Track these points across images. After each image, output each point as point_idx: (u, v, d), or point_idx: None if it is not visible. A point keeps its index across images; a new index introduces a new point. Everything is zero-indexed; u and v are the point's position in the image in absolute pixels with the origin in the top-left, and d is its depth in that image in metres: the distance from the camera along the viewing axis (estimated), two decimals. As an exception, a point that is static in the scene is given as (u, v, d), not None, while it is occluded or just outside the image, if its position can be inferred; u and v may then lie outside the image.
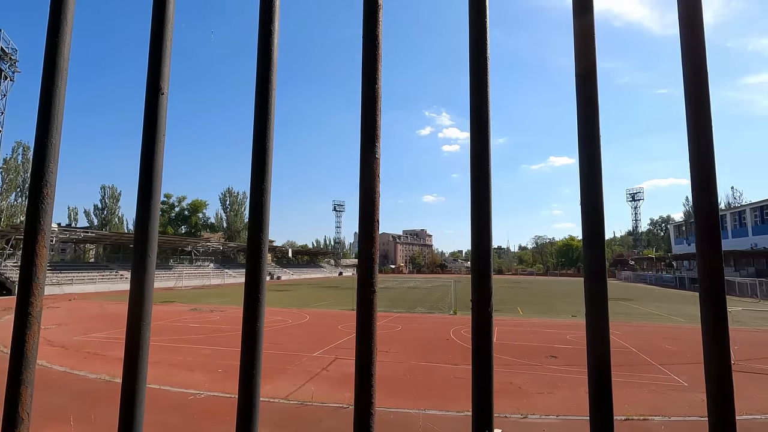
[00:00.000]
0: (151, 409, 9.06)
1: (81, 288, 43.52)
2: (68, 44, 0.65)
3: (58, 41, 0.64)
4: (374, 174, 0.66)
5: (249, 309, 0.67)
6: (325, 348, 15.21)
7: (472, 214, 0.70)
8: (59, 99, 0.65)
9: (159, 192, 0.67)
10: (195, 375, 11.46)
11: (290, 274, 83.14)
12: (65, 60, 0.66)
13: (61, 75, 0.65)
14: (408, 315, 25.73)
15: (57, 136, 0.65)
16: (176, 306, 29.92)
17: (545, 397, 9.83)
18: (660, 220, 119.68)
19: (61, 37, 0.64)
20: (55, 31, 0.64)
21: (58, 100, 0.64)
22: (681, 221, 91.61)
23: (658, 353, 14.46)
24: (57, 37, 0.64)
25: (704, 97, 0.67)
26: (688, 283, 61.92)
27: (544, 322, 22.73)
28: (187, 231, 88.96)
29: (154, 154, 0.67)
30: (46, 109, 0.64)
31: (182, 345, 15.58)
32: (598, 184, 0.70)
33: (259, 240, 0.67)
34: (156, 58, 0.68)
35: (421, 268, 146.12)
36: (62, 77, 0.65)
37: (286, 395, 9.77)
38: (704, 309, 0.65)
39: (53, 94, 0.64)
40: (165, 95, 0.68)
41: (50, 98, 0.64)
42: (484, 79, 0.70)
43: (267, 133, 0.72)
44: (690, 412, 8.95)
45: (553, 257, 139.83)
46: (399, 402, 9.30)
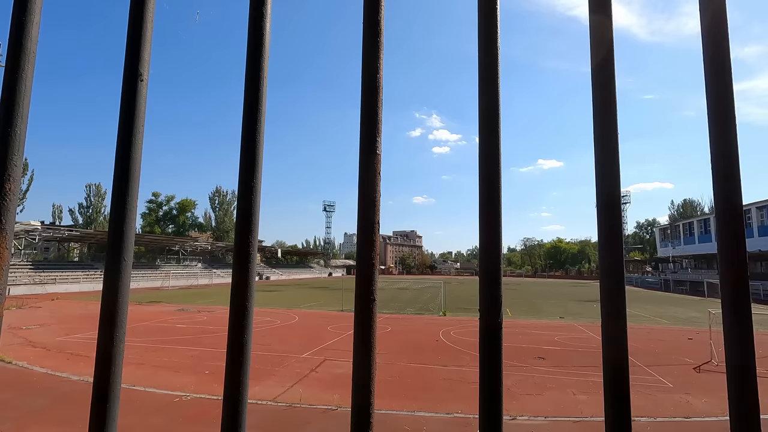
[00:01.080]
0: (134, 411, 8.90)
1: (65, 287, 42.64)
2: (37, 23, 0.59)
3: (25, 20, 0.58)
4: (375, 173, 0.61)
5: (236, 317, 0.61)
6: (314, 349, 15.09)
7: (481, 222, 0.65)
8: (25, 84, 0.58)
9: (137, 188, 0.61)
10: (181, 376, 11.26)
11: (279, 275, 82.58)
12: (33, 42, 0.59)
13: (28, 57, 0.58)
14: (398, 316, 25.70)
15: (23, 125, 0.58)
16: (163, 306, 29.47)
17: (534, 399, 9.86)
18: (646, 224, 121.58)
19: (28, 15, 0.58)
20: (22, 7, 0.58)
21: (24, 86, 0.58)
22: (666, 224, 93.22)
23: (644, 355, 14.63)
24: (24, 15, 0.58)
25: (729, 104, 0.64)
26: (672, 286, 63.04)
27: (533, 324, 22.88)
28: (175, 230, 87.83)
29: (132, 146, 0.60)
30: (10, 96, 0.57)
31: (168, 346, 15.32)
32: (616, 183, 0.66)
33: (248, 243, 0.61)
34: (135, 39, 0.62)
35: (410, 269, 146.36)
36: (29, 60, 0.58)
37: (274, 397, 9.65)
38: (726, 314, 0.61)
39: (18, 78, 0.57)
40: (144, 82, 0.62)
41: (15, 83, 0.57)
42: (494, 79, 0.66)
43: (257, 133, 0.66)
44: (675, 412, 9.05)
45: (541, 259, 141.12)
46: (388, 403, 9.24)
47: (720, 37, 0.68)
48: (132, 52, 0.62)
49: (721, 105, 0.66)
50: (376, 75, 0.63)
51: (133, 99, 0.61)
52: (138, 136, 0.61)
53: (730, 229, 0.63)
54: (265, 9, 0.65)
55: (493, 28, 0.71)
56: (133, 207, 0.60)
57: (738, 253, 0.64)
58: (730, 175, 0.63)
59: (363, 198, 0.62)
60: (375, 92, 0.63)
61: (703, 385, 11.09)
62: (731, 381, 0.63)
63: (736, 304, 0.63)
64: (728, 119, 0.66)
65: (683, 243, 77.01)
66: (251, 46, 0.65)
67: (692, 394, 10.31)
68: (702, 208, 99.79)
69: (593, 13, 0.71)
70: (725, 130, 0.66)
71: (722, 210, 0.65)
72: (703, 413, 9.03)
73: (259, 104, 0.64)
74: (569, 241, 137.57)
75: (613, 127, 0.66)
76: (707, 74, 0.68)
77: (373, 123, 0.63)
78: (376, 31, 0.64)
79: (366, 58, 0.64)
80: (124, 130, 0.61)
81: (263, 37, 0.65)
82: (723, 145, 0.65)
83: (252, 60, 0.64)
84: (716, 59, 0.68)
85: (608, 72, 0.70)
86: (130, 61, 0.62)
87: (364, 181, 0.62)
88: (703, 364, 13.33)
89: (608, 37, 0.71)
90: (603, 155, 0.70)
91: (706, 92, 0.69)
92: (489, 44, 0.71)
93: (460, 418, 8.59)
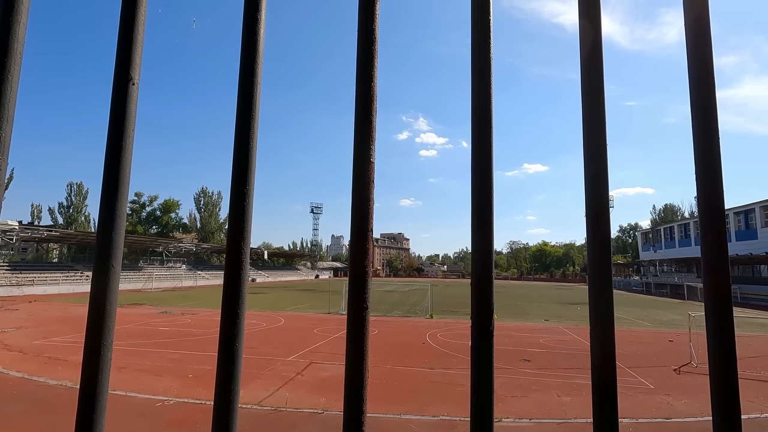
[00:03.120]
0: (116, 416, 8.70)
1: (43, 289, 41.51)
2: (23, 24, 0.57)
3: (12, 20, 0.56)
4: (368, 181, 0.61)
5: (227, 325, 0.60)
6: (301, 352, 14.97)
7: (473, 229, 0.66)
8: (11, 86, 0.57)
9: (126, 194, 0.60)
10: (164, 380, 11.05)
11: (265, 277, 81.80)
12: (20, 43, 0.58)
13: (14, 59, 0.57)
14: (385, 319, 25.67)
15: (8, 128, 0.57)
16: (145, 308, 28.91)
17: (518, 401, 9.94)
18: (628, 228, 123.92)
19: (15, 15, 0.57)
20: (8, 8, 0.56)
21: (10, 87, 0.56)
22: (648, 229, 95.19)
23: (626, 357, 14.89)
24: (10, 16, 0.56)
25: (711, 112, 0.65)
26: (654, 289, 64.37)
27: (518, 326, 23.09)
28: (159, 231, 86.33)
29: (122, 150, 0.59)
30: (-4, 97, 0.55)
31: (151, 349, 15.02)
32: (604, 188, 0.67)
33: (240, 248, 0.61)
34: (126, 43, 0.61)
35: (397, 272, 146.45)
36: (15, 62, 0.57)
37: (260, 401, 9.54)
38: (710, 316, 0.63)
39: (5, 79, 0.56)
40: (136, 85, 0.61)
41: (1, 84, 0.56)
42: (487, 83, 0.67)
43: (250, 137, 0.66)
44: (656, 414, 9.22)
45: (527, 262, 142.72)
46: (375, 406, 9.22)
47: (703, 46, 0.70)
48: (123, 56, 0.61)
49: (704, 112, 0.68)
50: (371, 82, 0.63)
51: (123, 103, 0.60)
52: (128, 141, 0.60)
53: (713, 234, 0.64)
54: (259, 15, 0.64)
55: (485, 33, 0.71)
56: (123, 213, 0.59)
57: (720, 257, 0.66)
58: (713, 181, 0.65)
59: (356, 205, 0.62)
60: (369, 103, 0.63)
61: (683, 387, 11.34)
62: (714, 382, 0.64)
63: (719, 307, 0.64)
64: (711, 126, 0.68)
65: (664, 247, 78.76)
66: (245, 53, 0.64)
67: (672, 396, 10.53)
68: (682, 213, 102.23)
69: (582, 19, 0.72)
70: (709, 138, 0.68)
71: (705, 215, 0.67)
72: (683, 414, 9.23)
73: (252, 111, 0.63)
74: (554, 245, 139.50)
75: (602, 134, 0.68)
76: (691, 82, 0.70)
77: (367, 132, 0.63)
78: (371, 40, 0.64)
79: (361, 63, 0.64)
80: (114, 135, 0.59)
81: (257, 43, 0.64)
82: (707, 151, 0.66)
83: (245, 67, 0.64)
84: (700, 67, 0.70)
85: (597, 79, 0.71)
86: (121, 65, 0.61)
87: (358, 190, 0.62)
88: (683, 366, 13.63)
89: (597, 43, 0.73)
90: (591, 161, 0.71)
91: (690, 100, 0.70)
92: (482, 49, 0.71)
93: (446, 420, 8.61)
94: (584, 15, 0.71)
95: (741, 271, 56.99)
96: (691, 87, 0.67)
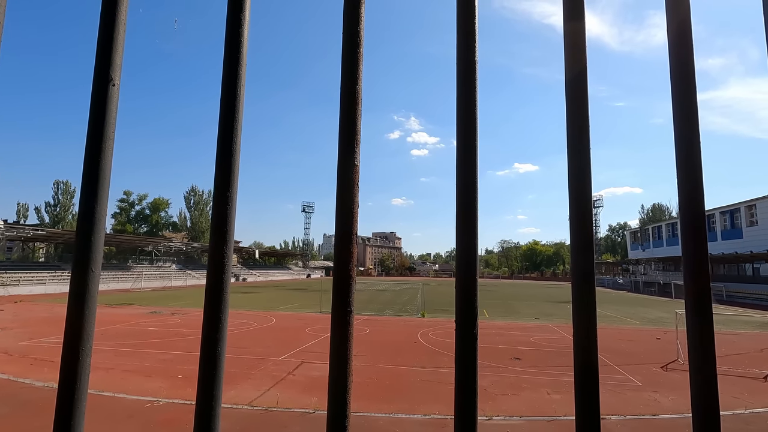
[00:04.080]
0: (104, 418, 8.58)
1: (29, 289, 40.82)
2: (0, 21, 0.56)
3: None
4: (353, 184, 0.61)
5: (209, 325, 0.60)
6: (292, 352, 14.91)
7: (458, 227, 0.66)
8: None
9: (106, 194, 0.59)
10: (153, 381, 10.94)
11: (256, 276, 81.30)
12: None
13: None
14: (377, 318, 25.68)
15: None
16: (134, 309, 28.57)
17: (509, 399, 10.02)
18: (617, 227, 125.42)
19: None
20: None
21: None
22: (636, 228, 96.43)
23: (615, 354, 15.07)
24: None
25: (692, 115, 0.66)
26: (642, 287, 65.25)
27: (509, 325, 23.25)
28: (148, 230, 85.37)
29: (102, 152, 0.58)
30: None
31: (140, 350, 14.85)
32: (587, 190, 0.68)
33: (222, 249, 0.60)
34: (106, 43, 0.60)
35: (389, 271, 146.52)
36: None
37: (250, 401, 9.49)
38: (690, 314, 0.64)
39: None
40: (116, 87, 0.60)
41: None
42: (472, 84, 0.67)
43: (234, 132, 0.65)
44: (644, 410, 9.35)
45: (518, 261, 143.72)
46: (366, 405, 9.22)
47: (685, 49, 0.71)
48: (103, 57, 0.60)
49: (685, 114, 0.69)
50: (356, 86, 0.63)
51: (103, 104, 0.59)
52: (108, 142, 0.59)
53: (694, 233, 0.65)
54: (243, 16, 0.64)
55: (470, 33, 0.72)
56: (102, 215, 0.58)
57: (701, 256, 0.67)
58: (693, 180, 0.66)
59: (340, 208, 0.62)
60: (354, 102, 0.63)
61: (670, 384, 11.51)
62: (694, 379, 0.65)
63: (698, 305, 0.65)
64: (692, 128, 0.69)
65: (652, 246, 79.85)
66: (228, 50, 0.64)
67: (660, 392, 10.68)
68: (670, 212, 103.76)
69: (567, 22, 0.72)
70: (690, 138, 0.69)
71: (686, 214, 0.68)
72: (670, 411, 9.37)
73: (235, 109, 0.63)
74: (545, 244, 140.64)
75: (585, 133, 0.68)
76: (673, 84, 0.71)
77: (351, 134, 0.62)
78: (356, 41, 0.64)
79: (345, 69, 0.64)
80: (94, 136, 0.58)
81: (241, 42, 0.64)
82: (687, 151, 0.67)
83: (229, 64, 0.63)
84: (681, 69, 0.71)
85: (581, 81, 0.72)
86: (101, 66, 0.60)
87: (342, 192, 0.62)
88: (670, 363, 13.84)
89: (581, 46, 0.73)
90: (576, 160, 0.71)
91: (672, 104, 0.71)
92: (467, 49, 0.71)
93: (437, 419, 8.64)
94: (568, 17, 0.72)
95: (727, 269, 57.99)
96: (673, 92, 0.68)
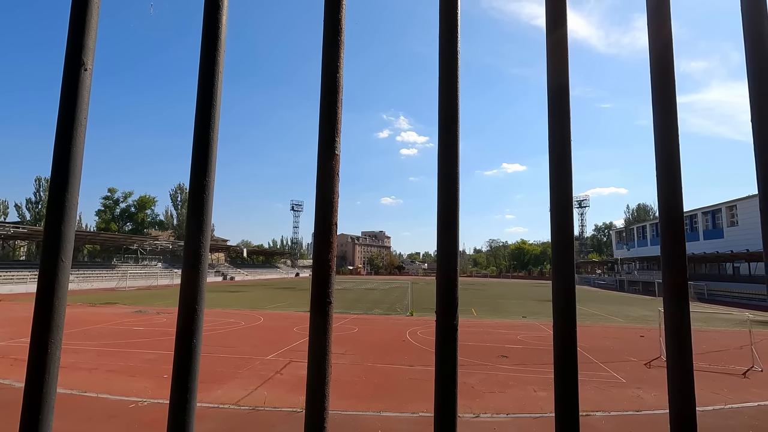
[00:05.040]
0: (86, 419, 8.43)
1: (9, 288, 39.89)
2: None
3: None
4: (333, 174, 0.60)
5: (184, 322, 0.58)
6: (280, 351, 14.82)
7: (439, 225, 0.65)
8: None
9: (77, 185, 0.57)
10: (138, 381, 10.77)
11: (244, 275, 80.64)
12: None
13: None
14: (365, 316, 25.67)
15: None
16: (119, 308, 28.10)
17: (496, 396, 10.10)
18: (603, 227, 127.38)
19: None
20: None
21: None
22: (621, 228, 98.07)
23: (600, 352, 15.31)
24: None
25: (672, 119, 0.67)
26: (627, 286, 66.38)
27: (497, 323, 23.45)
28: (134, 228, 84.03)
29: (73, 139, 0.56)
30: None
31: (124, 349, 14.61)
32: (568, 194, 0.68)
33: (199, 244, 0.59)
34: (78, 25, 0.57)
35: (378, 270, 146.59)
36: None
37: (237, 400, 9.41)
38: (668, 311, 0.64)
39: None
40: (89, 71, 0.58)
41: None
42: (454, 84, 0.66)
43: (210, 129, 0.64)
44: (628, 407, 9.51)
45: (505, 260, 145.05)
46: (354, 404, 9.21)
47: (665, 53, 0.72)
48: (75, 39, 0.58)
49: (665, 116, 0.70)
50: (336, 74, 0.62)
51: (75, 90, 0.57)
52: (80, 129, 0.57)
53: (672, 233, 0.66)
54: (221, 2, 0.62)
55: (453, 33, 0.71)
56: (73, 205, 0.56)
57: (678, 255, 0.67)
58: (672, 181, 0.66)
59: (320, 199, 0.61)
60: (335, 91, 0.62)
61: (653, 380, 11.73)
62: (671, 375, 0.66)
63: (676, 302, 0.66)
64: (671, 130, 0.70)
65: (637, 245, 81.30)
66: (206, 38, 0.62)
67: (643, 389, 10.88)
68: (654, 213, 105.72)
69: (550, 34, 0.73)
70: (669, 141, 0.70)
71: (665, 214, 0.69)
72: (653, 406, 9.55)
73: (213, 99, 0.61)
74: (532, 243, 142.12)
75: (566, 135, 0.68)
76: (653, 87, 0.72)
77: (332, 123, 0.61)
78: (337, 29, 0.63)
79: (326, 55, 0.63)
80: (65, 123, 0.56)
81: (219, 29, 0.62)
82: (666, 153, 0.68)
83: (206, 52, 0.62)
84: (662, 73, 0.71)
85: (563, 85, 0.72)
86: (72, 49, 0.58)
87: (322, 182, 0.61)
88: (653, 360, 14.10)
89: (564, 56, 0.73)
90: (556, 161, 0.72)
91: (653, 107, 0.72)
92: (449, 49, 0.71)
93: (426, 417, 8.67)
94: (551, 27, 0.72)
95: (708, 268, 59.33)
96: (654, 96, 0.69)
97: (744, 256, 47.20)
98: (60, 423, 7.79)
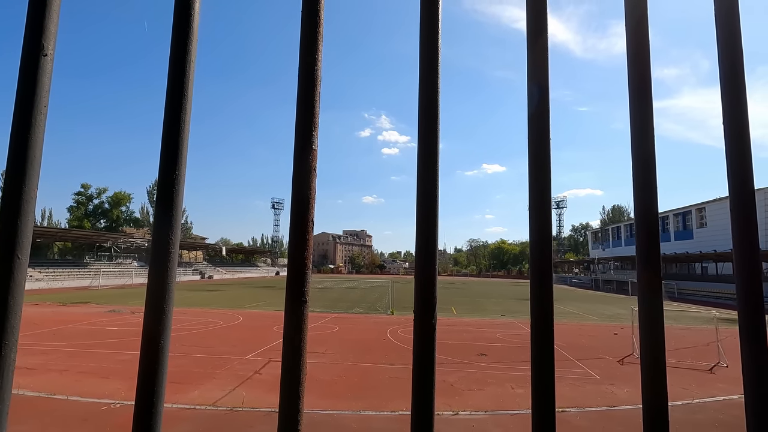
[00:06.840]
0: (55, 422, 8.15)
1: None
2: None
3: None
4: (310, 169, 0.59)
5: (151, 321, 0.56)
6: (259, 350, 14.64)
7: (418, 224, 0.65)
8: None
9: (37, 174, 0.53)
10: (110, 383, 10.46)
11: (223, 274, 79.32)
12: None
13: None
14: (346, 315, 25.61)
15: None
16: (91, 307, 27.25)
17: (475, 394, 10.22)
18: (580, 227, 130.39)
19: None
20: None
21: None
22: (597, 228, 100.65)
23: (575, 349, 15.68)
24: None
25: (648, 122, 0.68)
26: (601, 285, 68.19)
27: (476, 322, 23.75)
28: (108, 225, 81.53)
29: (32, 128, 0.53)
30: None
31: (96, 350, 14.17)
32: (547, 195, 0.68)
33: (168, 240, 0.56)
34: (38, 7, 0.54)
35: (360, 269, 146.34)
36: None
37: (215, 401, 9.24)
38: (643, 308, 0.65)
39: None
40: (49, 57, 0.55)
41: None
42: (434, 84, 0.66)
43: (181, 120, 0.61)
44: (602, 402, 9.78)
45: (485, 259, 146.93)
46: (333, 403, 9.17)
47: (642, 59, 0.73)
48: (33, 23, 0.54)
49: (641, 120, 0.71)
50: (314, 66, 0.60)
51: (33, 78, 0.54)
52: (39, 117, 0.53)
53: (647, 233, 0.67)
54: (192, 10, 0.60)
55: (434, 32, 0.71)
56: (31, 198, 0.52)
57: (653, 254, 0.68)
58: (648, 183, 0.67)
59: (297, 195, 0.59)
60: (312, 84, 0.60)
61: (626, 376, 12.08)
62: (645, 371, 0.67)
63: (650, 299, 0.67)
64: (647, 134, 0.71)
65: (612, 245, 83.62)
66: (177, 26, 0.59)
67: (616, 385, 11.20)
68: (629, 214, 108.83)
69: (531, 37, 0.73)
70: (645, 144, 0.71)
71: (641, 215, 0.70)
72: (626, 402, 9.83)
73: (184, 90, 0.59)
74: (511, 243, 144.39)
75: (545, 134, 0.69)
76: (631, 91, 0.73)
77: (309, 116, 0.60)
78: (315, 21, 0.61)
79: (304, 49, 0.61)
80: (22, 111, 0.53)
81: (191, 17, 0.60)
82: (642, 156, 0.69)
83: (177, 43, 0.59)
84: (638, 78, 0.72)
85: (543, 88, 0.72)
86: (32, 33, 0.54)
87: (298, 178, 0.59)
88: (626, 357, 14.52)
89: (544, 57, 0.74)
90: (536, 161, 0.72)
91: (630, 108, 0.73)
92: (430, 49, 0.71)
93: (405, 415, 8.71)
94: (532, 27, 0.72)
95: (678, 268, 61.48)
96: (631, 100, 0.70)
97: (712, 256, 49.12)
98: (27, 427, 7.50)
